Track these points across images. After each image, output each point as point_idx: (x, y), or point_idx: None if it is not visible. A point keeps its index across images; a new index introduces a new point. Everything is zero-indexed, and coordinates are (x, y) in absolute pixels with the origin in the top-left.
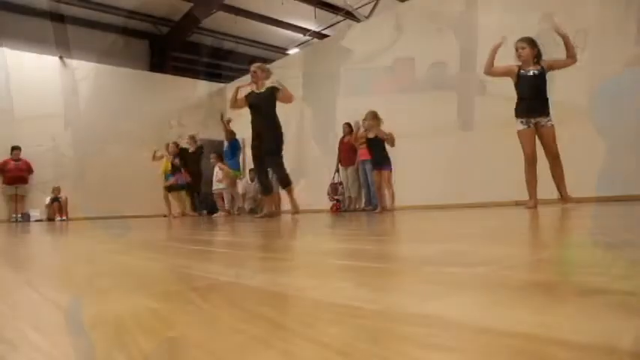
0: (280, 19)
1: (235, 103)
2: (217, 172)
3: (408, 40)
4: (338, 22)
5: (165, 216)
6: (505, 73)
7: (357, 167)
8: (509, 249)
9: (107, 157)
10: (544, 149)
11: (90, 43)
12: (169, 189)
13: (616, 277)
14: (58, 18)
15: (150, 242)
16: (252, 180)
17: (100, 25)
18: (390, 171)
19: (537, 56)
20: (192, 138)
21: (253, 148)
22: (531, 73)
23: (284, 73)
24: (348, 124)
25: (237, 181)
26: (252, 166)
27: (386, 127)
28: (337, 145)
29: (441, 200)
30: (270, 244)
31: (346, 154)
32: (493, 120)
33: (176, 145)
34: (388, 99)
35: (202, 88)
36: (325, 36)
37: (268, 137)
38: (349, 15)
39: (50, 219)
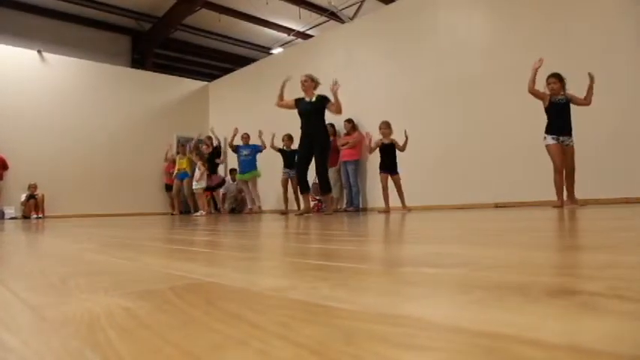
0: (265, 18)
1: (282, 102)
2: (197, 172)
3: (392, 42)
4: (322, 23)
5: (172, 214)
6: (540, 97)
7: (339, 168)
8: (488, 250)
9: (86, 154)
10: (565, 162)
11: (70, 38)
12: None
13: (584, 278)
14: (37, 11)
15: (127, 241)
16: (233, 180)
17: (81, 19)
18: (398, 175)
19: (563, 89)
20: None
21: (301, 150)
22: (560, 100)
23: (267, 73)
24: (331, 125)
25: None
26: (232, 166)
27: (369, 130)
28: None
29: (433, 202)
30: (249, 244)
31: None
32: (486, 124)
33: (210, 139)
34: (371, 100)
35: (185, 86)
36: (309, 36)
37: (318, 143)
38: (334, 16)
39: (26, 217)
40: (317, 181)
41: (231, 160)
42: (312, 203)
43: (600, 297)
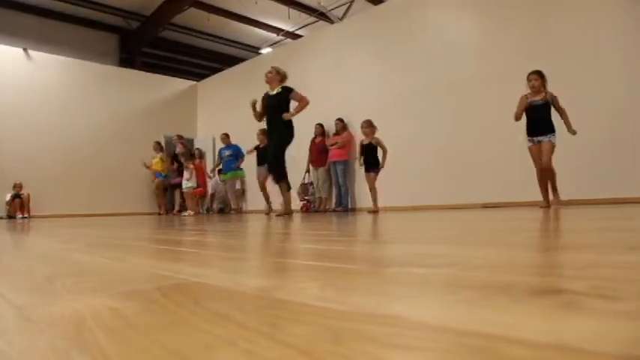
0: (254, 18)
1: (258, 116)
2: (186, 172)
3: (382, 42)
4: (312, 23)
5: (159, 214)
6: (523, 110)
7: (328, 168)
8: (475, 250)
9: (72, 154)
10: (539, 159)
11: (57, 36)
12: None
13: (569, 277)
14: (23, 8)
15: (114, 241)
16: (222, 180)
17: (68, 17)
18: (377, 173)
19: (544, 85)
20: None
21: (268, 146)
22: (537, 102)
23: (256, 73)
24: (320, 125)
25: (208, 180)
26: (220, 167)
27: (359, 130)
28: (308, 146)
29: (423, 202)
30: (237, 244)
31: (317, 154)
32: (476, 125)
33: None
34: (361, 103)
35: (173, 85)
36: (298, 36)
37: (277, 136)
38: (323, 16)
39: (11, 216)
40: (305, 181)
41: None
42: (300, 203)
43: (585, 296)
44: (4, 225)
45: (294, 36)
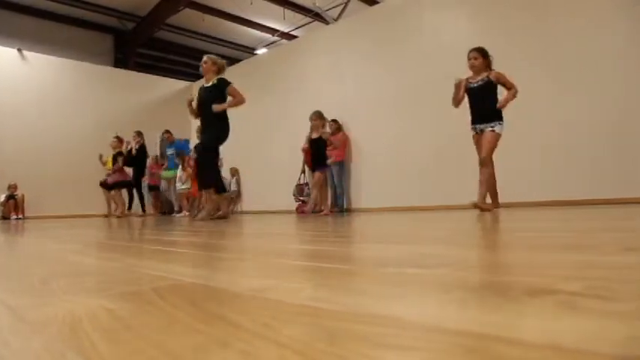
0: (249, 18)
1: (194, 113)
2: (179, 172)
3: (377, 43)
4: (307, 24)
5: (105, 216)
6: (461, 94)
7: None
8: (469, 251)
9: (67, 154)
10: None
11: (51, 36)
12: (109, 187)
13: (563, 278)
14: (17, 8)
15: (109, 242)
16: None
17: (63, 17)
18: (324, 172)
19: (488, 66)
20: (139, 134)
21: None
22: (476, 85)
23: (251, 74)
24: None
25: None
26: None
27: (355, 132)
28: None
29: (409, 202)
30: (232, 244)
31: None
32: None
33: (119, 139)
34: (356, 104)
35: (168, 85)
36: (294, 37)
37: (208, 134)
38: (318, 17)
39: (5, 217)
40: (301, 182)
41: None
42: (296, 204)
43: (580, 297)
44: None
45: (289, 37)
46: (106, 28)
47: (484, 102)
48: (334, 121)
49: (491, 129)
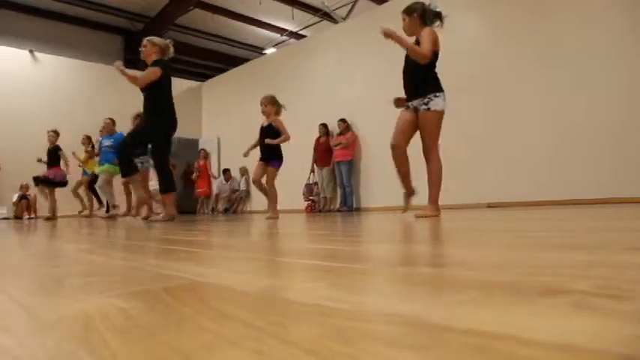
0: (258, 18)
1: (133, 80)
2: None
3: (386, 42)
4: (315, 23)
5: (80, 212)
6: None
7: (333, 168)
8: (480, 250)
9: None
10: (406, 135)
11: (62, 38)
12: (41, 182)
13: (575, 277)
14: (29, 10)
15: (121, 241)
16: (226, 180)
17: (74, 19)
18: (276, 168)
19: (421, 25)
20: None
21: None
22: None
23: (260, 73)
24: (324, 125)
25: (213, 180)
26: (226, 167)
27: (364, 132)
28: (313, 146)
29: (419, 202)
30: (242, 244)
31: (322, 154)
32: (481, 124)
33: (56, 133)
34: (365, 103)
35: (178, 86)
36: (302, 36)
37: (145, 122)
38: (327, 16)
39: (18, 217)
40: (310, 181)
41: (225, 160)
42: (305, 203)
43: (593, 296)
44: (11, 225)
45: (298, 36)
46: (116, 29)
47: (409, 71)
48: (343, 120)
49: (426, 107)
